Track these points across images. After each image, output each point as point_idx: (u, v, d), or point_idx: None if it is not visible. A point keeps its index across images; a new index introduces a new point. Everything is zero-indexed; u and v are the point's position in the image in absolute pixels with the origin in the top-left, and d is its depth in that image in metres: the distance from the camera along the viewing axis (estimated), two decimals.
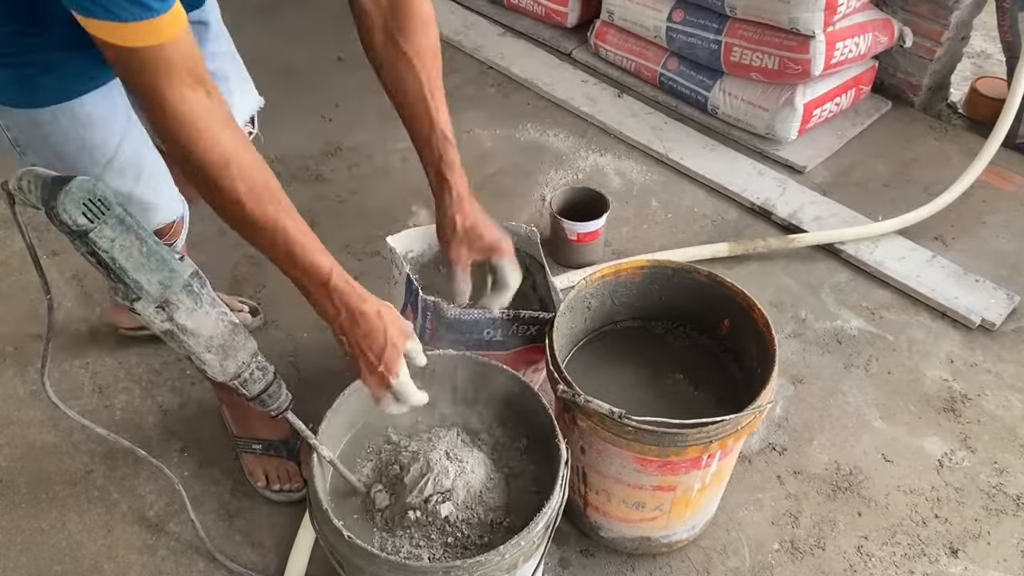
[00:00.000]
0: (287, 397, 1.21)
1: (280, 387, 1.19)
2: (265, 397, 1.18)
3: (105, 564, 1.61)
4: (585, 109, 2.72)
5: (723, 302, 1.52)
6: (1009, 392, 1.90)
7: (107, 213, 1.00)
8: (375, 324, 1.09)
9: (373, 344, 1.10)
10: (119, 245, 1.01)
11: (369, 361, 1.11)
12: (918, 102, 2.71)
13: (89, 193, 0.99)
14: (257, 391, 1.16)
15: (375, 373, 1.13)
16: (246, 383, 1.15)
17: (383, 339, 1.10)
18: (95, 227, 0.99)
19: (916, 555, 1.62)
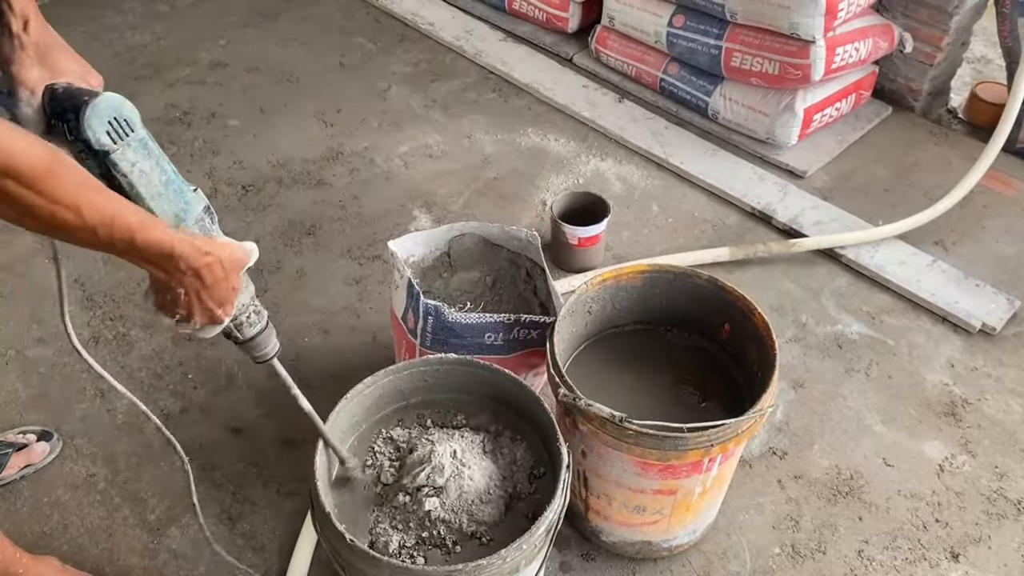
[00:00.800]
0: (276, 344, 1.18)
1: (271, 333, 1.16)
2: (259, 340, 1.14)
3: (107, 568, 1.61)
4: (586, 114, 2.73)
5: (724, 306, 1.52)
6: (1010, 396, 1.90)
7: (131, 135, 0.93)
8: (218, 275, 1.01)
9: (216, 294, 1.03)
10: (139, 170, 0.95)
11: (206, 307, 1.03)
12: (918, 107, 2.71)
13: (116, 111, 0.92)
14: (251, 335, 1.13)
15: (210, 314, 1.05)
16: (241, 326, 1.12)
17: (225, 288, 1.03)
18: (118, 148, 0.92)
19: (917, 559, 1.62)
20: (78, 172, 0.85)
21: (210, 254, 0.99)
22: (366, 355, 2.00)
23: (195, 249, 0.97)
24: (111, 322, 2.07)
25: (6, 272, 2.19)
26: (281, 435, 1.82)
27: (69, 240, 0.88)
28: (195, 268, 0.97)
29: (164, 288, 1.00)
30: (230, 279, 1.03)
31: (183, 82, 2.93)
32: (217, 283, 1.01)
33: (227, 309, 1.05)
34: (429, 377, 1.41)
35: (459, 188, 2.49)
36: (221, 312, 1.05)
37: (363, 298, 2.14)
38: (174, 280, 0.98)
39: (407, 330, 1.63)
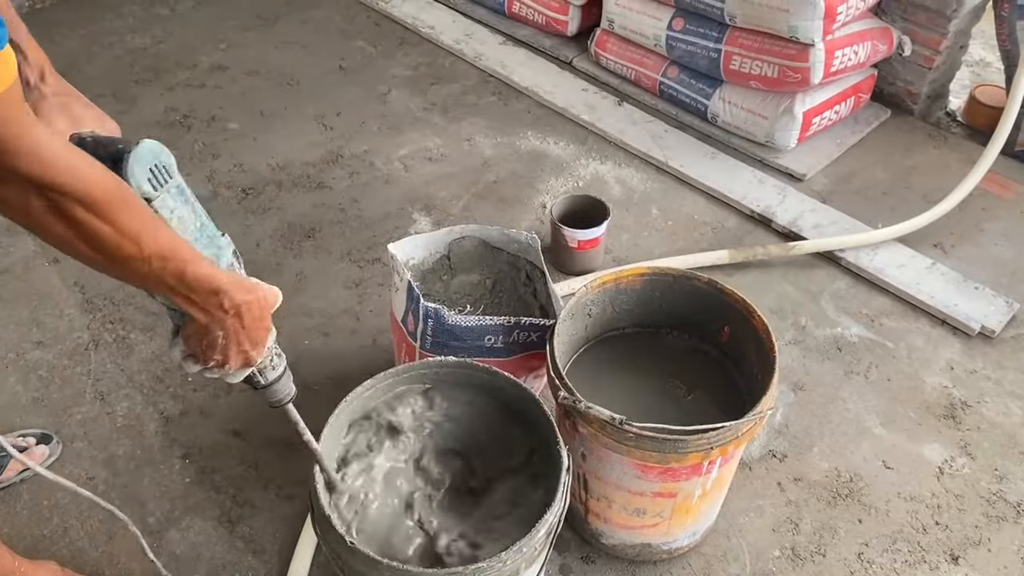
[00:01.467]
0: (293, 389, 1.18)
1: (290, 378, 1.17)
2: (278, 386, 1.14)
3: (107, 571, 1.61)
4: (585, 117, 2.73)
5: (723, 309, 1.52)
6: (1009, 399, 1.90)
7: (170, 181, 0.94)
8: (258, 314, 1.02)
9: (256, 332, 1.03)
10: (177, 216, 0.95)
11: (242, 349, 1.03)
12: (917, 110, 2.72)
13: (156, 158, 0.92)
14: (272, 379, 1.12)
15: (244, 356, 1.04)
16: (264, 370, 1.11)
17: (263, 327, 1.04)
18: (159, 195, 0.93)
19: (917, 562, 1.62)
20: (141, 205, 0.87)
21: (253, 291, 1.01)
22: (366, 358, 2.00)
23: (239, 286, 0.98)
24: (111, 325, 2.07)
25: (6, 276, 2.19)
26: (281, 438, 1.82)
27: (120, 270, 0.89)
28: (237, 305, 0.98)
29: (201, 333, 1.00)
30: (265, 320, 1.04)
31: (183, 85, 2.94)
32: (255, 323, 1.02)
33: (260, 351, 1.06)
34: (429, 380, 1.41)
35: (459, 191, 2.49)
36: (255, 354, 1.05)
37: (363, 301, 2.14)
38: (215, 320, 0.98)
39: (407, 333, 1.63)
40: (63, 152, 0.78)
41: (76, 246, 0.84)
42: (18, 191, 0.78)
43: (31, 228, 0.83)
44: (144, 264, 0.87)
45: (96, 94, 1.02)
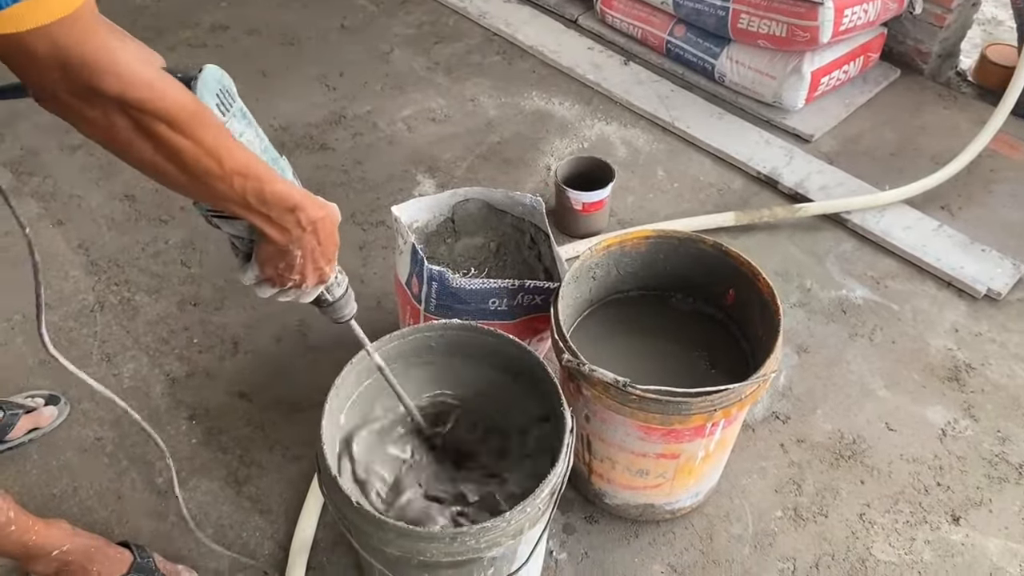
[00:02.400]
0: (355, 305, 1.21)
1: (352, 293, 1.19)
2: (343, 302, 1.17)
3: (116, 530, 1.63)
4: (591, 77, 2.70)
5: (728, 271, 1.52)
6: (1013, 361, 1.90)
7: (234, 105, 0.95)
8: (331, 230, 1.03)
9: (329, 249, 1.04)
10: (246, 139, 0.96)
11: (318, 266, 1.05)
12: (927, 70, 2.68)
13: (220, 83, 0.92)
14: (339, 295, 1.16)
15: (320, 273, 1.06)
16: (331, 287, 1.14)
17: (335, 242, 1.05)
18: (227, 119, 0.93)
19: (918, 522, 1.64)
20: (219, 123, 0.88)
21: (326, 206, 1.01)
22: (370, 321, 1.98)
23: (314, 202, 0.99)
24: (116, 287, 2.08)
25: (10, 238, 2.19)
26: (287, 400, 1.83)
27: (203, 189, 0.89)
28: (313, 221, 0.98)
29: (279, 254, 1.00)
30: (336, 235, 1.05)
31: (184, 45, 2.91)
32: (328, 238, 1.03)
33: (332, 266, 1.08)
34: (434, 342, 1.42)
35: (463, 152, 2.47)
36: (328, 269, 1.07)
37: (367, 264, 2.14)
38: (293, 238, 0.98)
39: (411, 296, 1.63)
40: (144, 70, 0.78)
41: (160, 165, 0.84)
42: (102, 111, 0.78)
43: (117, 150, 0.83)
44: (225, 182, 0.88)
45: None
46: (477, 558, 1.16)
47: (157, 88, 0.79)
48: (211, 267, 2.13)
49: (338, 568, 1.57)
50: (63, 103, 0.77)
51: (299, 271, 1.03)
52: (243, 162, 0.89)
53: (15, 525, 1.36)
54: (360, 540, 1.21)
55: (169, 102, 0.80)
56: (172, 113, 0.80)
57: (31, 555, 1.42)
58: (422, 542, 1.13)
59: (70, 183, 2.34)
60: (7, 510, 1.34)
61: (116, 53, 0.75)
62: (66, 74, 0.73)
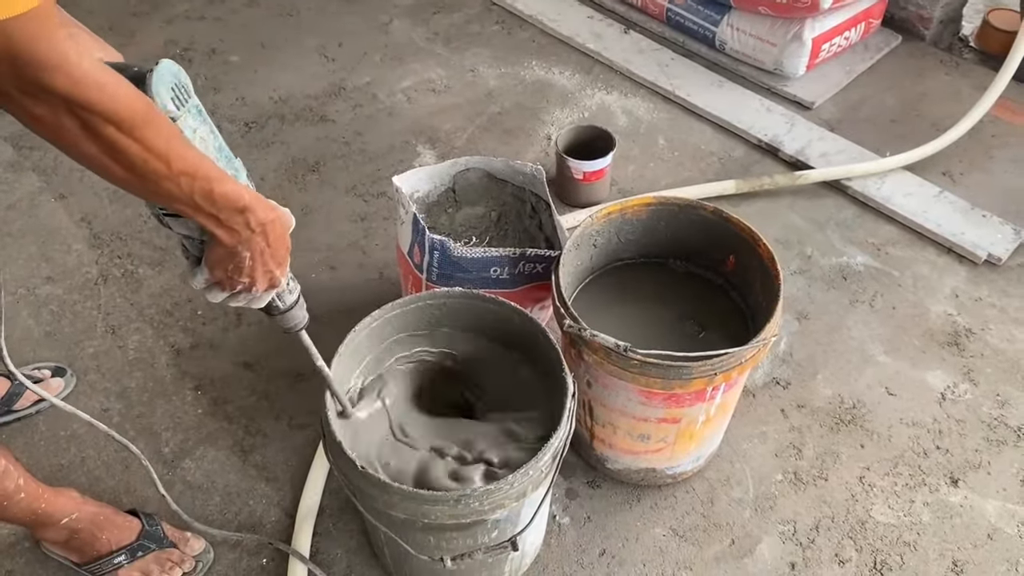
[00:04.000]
0: (306, 315, 1.19)
1: (303, 303, 1.18)
2: (294, 311, 1.15)
3: (124, 499, 1.65)
4: (591, 46, 2.69)
5: (729, 238, 1.52)
6: (1013, 326, 1.91)
7: (189, 101, 0.94)
8: (280, 232, 1.03)
9: (278, 252, 1.04)
10: (199, 136, 0.96)
11: (267, 269, 1.04)
12: (929, 36, 2.66)
13: (176, 77, 0.91)
14: (290, 303, 1.14)
15: (271, 277, 1.06)
16: (282, 295, 1.12)
17: (285, 246, 1.05)
18: (181, 115, 0.92)
19: (917, 485, 1.65)
20: (169, 124, 0.87)
21: (275, 209, 1.01)
22: (373, 291, 2.01)
23: (263, 204, 0.99)
24: (119, 260, 2.08)
25: (13, 212, 2.19)
26: (291, 369, 1.84)
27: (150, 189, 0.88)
28: (262, 223, 0.98)
29: (228, 256, 1.00)
30: (287, 239, 1.05)
31: (182, 18, 2.89)
32: (278, 241, 1.03)
33: (283, 270, 1.07)
34: (436, 311, 1.43)
35: (463, 123, 2.47)
36: (279, 273, 1.06)
37: (369, 235, 2.15)
38: (242, 240, 0.98)
39: (413, 265, 1.64)
40: (95, 70, 0.78)
41: (107, 165, 0.84)
42: (50, 109, 0.77)
43: (63, 147, 0.83)
44: (173, 182, 0.87)
45: (93, 28, 1.02)
46: (481, 520, 1.18)
47: (107, 89, 0.78)
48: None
49: (344, 533, 1.59)
50: (10, 98, 0.76)
51: (248, 274, 1.02)
52: (192, 163, 0.88)
53: (25, 492, 1.38)
54: (365, 504, 1.23)
55: (119, 104, 0.79)
56: (121, 115, 0.79)
57: (41, 523, 1.44)
58: (427, 505, 1.14)
59: None
60: (16, 477, 1.36)
61: (68, 52, 0.75)
62: (16, 70, 0.73)
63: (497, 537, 1.28)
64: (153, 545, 1.52)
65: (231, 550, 1.58)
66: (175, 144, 0.86)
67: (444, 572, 1.33)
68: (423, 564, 1.31)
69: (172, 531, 1.56)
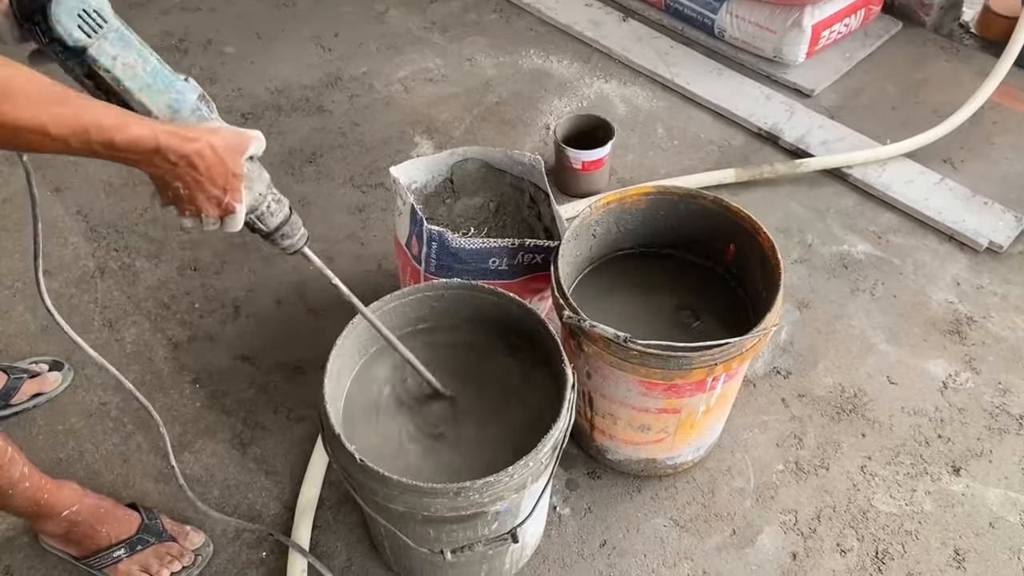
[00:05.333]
0: (304, 233, 1.14)
1: (298, 221, 1.13)
2: (285, 230, 1.11)
3: (123, 492, 1.64)
4: (589, 34, 2.67)
5: (729, 227, 1.51)
6: (1015, 314, 1.90)
7: (105, 26, 0.89)
8: (212, 162, 0.96)
9: (214, 185, 0.99)
10: (122, 63, 0.91)
11: (211, 196, 1.00)
12: (929, 22, 2.65)
13: (83, 2, 0.87)
14: (275, 224, 1.10)
15: (220, 206, 1.02)
16: (263, 216, 1.08)
17: (224, 176, 0.99)
18: (94, 42, 0.88)
19: (919, 474, 1.65)
20: (35, 87, 0.81)
21: (197, 140, 0.94)
22: (371, 282, 2.00)
23: (179, 138, 0.93)
24: (116, 253, 2.07)
25: (9, 205, 2.18)
26: (289, 362, 1.83)
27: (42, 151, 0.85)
28: (184, 155, 0.93)
29: (163, 186, 0.97)
30: (226, 164, 0.98)
31: (178, 8, 2.87)
32: (212, 169, 0.97)
33: (235, 196, 1.02)
34: (435, 302, 1.42)
35: (461, 113, 2.45)
36: (229, 199, 1.01)
37: (367, 226, 2.14)
38: (168, 173, 0.94)
39: (411, 256, 1.63)
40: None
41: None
42: None
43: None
44: (61, 144, 0.84)
45: None
46: (481, 512, 1.18)
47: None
48: (210, 232, 2.12)
49: (344, 526, 1.59)
50: None
51: (190, 202, 0.98)
52: (80, 121, 0.83)
53: (29, 482, 1.37)
54: (365, 497, 1.22)
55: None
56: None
57: (42, 514, 1.43)
58: (426, 497, 1.14)
59: None
60: (21, 465, 1.35)
61: None
62: None
63: (497, 529, 1.27)
64: (152, 539, 1.51)
65: (231, 543, 1.58)
66: (48, 110, 0.81)
67: (444, 564, 1.32)
68: (423, 557, 1.30)
69: (171, 525, 1.55)
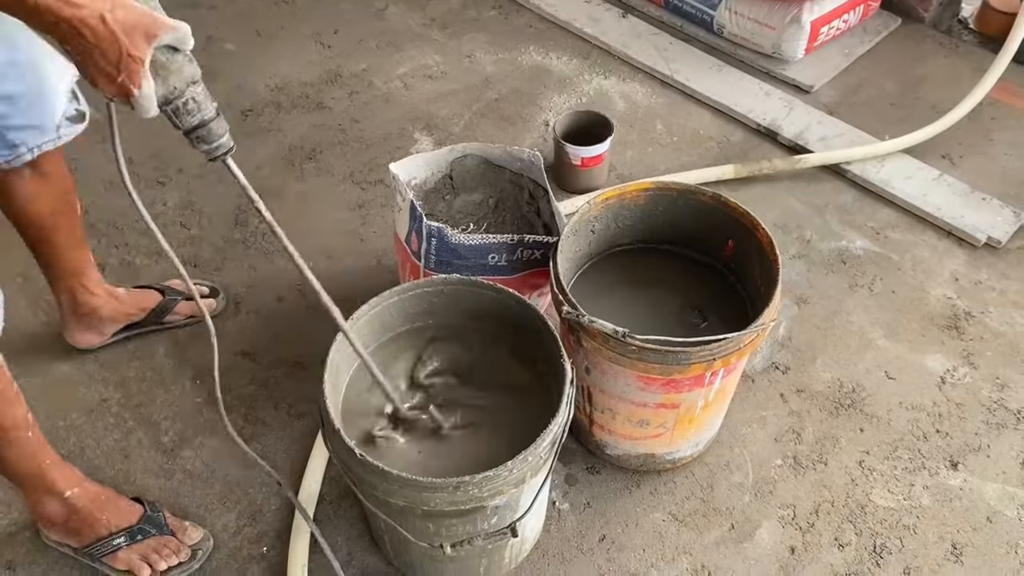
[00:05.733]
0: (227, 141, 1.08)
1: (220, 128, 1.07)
2: (202, 132, 1.05)
3: (124, 487, 1.65)
4: (588, 30, 2.67)
5: (727, 223, 1.52)
6: (1013, 309, 1.91)
7: None
8: (102, 36, 0.92)
9: (104, 60, 0.93)
10: None
11: (104, 72, 0.95)
12: (928, 18, 2.65)
13: None
14: (191, 124, 1.04)
15: (114, 83, 0.96)
16: (178, 112, 1.02)
17: (116, 53, 0.93)
18: None
19: (916, 468, 1.65)
20: None
21: (82, 7, 0.90)
22: (371, 278, 2.01)
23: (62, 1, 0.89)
24: (115, 250, 2.08)
25: None
26: (290, 358, 1.84)
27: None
28: (65, 19, 0.90)
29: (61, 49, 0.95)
30: (121, 42, 0.92)
31: (177, 5, 2.86)
32: (102, 43, 0.92)
33: (132, 79, 0.95)
34: (434, 298, 1.42)
35: (460, 109, 2.46)
36: (124, 79, 0.95)
37: (366, 222, 2.14)
38: (60, 38, 0.92)
39: (411, 252, 1.63)
40: None
41: None
42: None
43: None
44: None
45: None
46: (480, 507, 1.18)
47: None
48: (210, 228, 2.13)
49: (344, 521, 1.59)
50: None
51: (83, 71, 0.95)
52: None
53: (32, 433, 1.37)
54: (365, 492, 1.23)
55: None
56: None
57: (44, 486, 1.44)
58: (426, 492, 1.14)
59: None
60: (27, 411, 1.35)
61: None
62: None
63: (496, 523, 1.28)
64: (154, 530, 1.52)
65: (231, 538, 1.58)
66: None
67: (444, 559, 1.33)
68: (423, 551, 1.31)
69: (172, 520, 1.56)
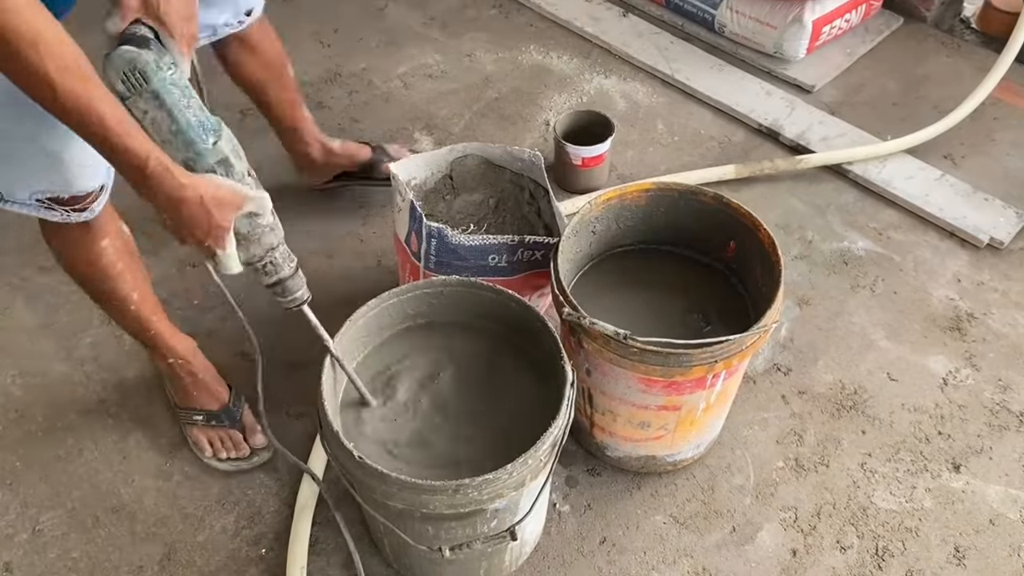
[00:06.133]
0: (303, 294, 1.25)
1: (296, 285, 1.24)
2: (278, 290, 1.23)
3: (122, 489, 1.64)
4: (589, 29, 2.66)
5: (729, 223, 1.51)
6: (1015, 310, 1.90)
7: (144, 87, 1.06)
8: (196, 212, 1.05)
9: (196, 229, 1.07)
10: (150, 118, 1.07)
11: (195, 236, 1.08)
12: (930, 17, 2.64)
13: (129, 64, 1.05)
14: (268, 283, 1.21)
15: (201, 246, 1.10)
16: (258, 273, 1.20)
17: (206, 225, 1.07)
18: (131, 98, 1.06)
19: (919, 471, 1.65)
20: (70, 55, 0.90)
21: (186, 187, 1.02)
22: (371, 279, 2.00)
23: (171, 176, 1.00)
24: None
25: None
26: (288, 359, 1.83)
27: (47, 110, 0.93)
28: (167, 195, 1.01)
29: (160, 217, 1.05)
30: (212, 216, 1.06)
31: None
32: (195, 219, 1.05)
33: (219, 244, 1.09)
34: (434, 299, 1.41)
35: (460, 109, 2.45)
36: (212, 244, 1.09)
37: (366, 223, 2.13)
38: (154, 204, 1.02)
39: (410, 253, 1.62)
40: None
41: None
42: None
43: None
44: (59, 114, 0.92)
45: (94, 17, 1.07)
46: (480, 510, 1.18)
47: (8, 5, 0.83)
48: None
49: (343, 523, 1.58)
50: None
51: (175, 233, 1.07)
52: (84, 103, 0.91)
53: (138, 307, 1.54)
54: (363, 494, 1.22)
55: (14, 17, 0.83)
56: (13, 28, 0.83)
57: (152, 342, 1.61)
58: (424, 494, 1.13)
59: None
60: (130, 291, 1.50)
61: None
62: None
63: (496, 527, 1.27)
64: (227, 422, 1.67)
65: (230, 540, 1.58)
66: (66, 78, 0.89)
67: (443, 562, 1.32)
68: (422, 554, 1.30)
69: (248, 418, 1.71)
